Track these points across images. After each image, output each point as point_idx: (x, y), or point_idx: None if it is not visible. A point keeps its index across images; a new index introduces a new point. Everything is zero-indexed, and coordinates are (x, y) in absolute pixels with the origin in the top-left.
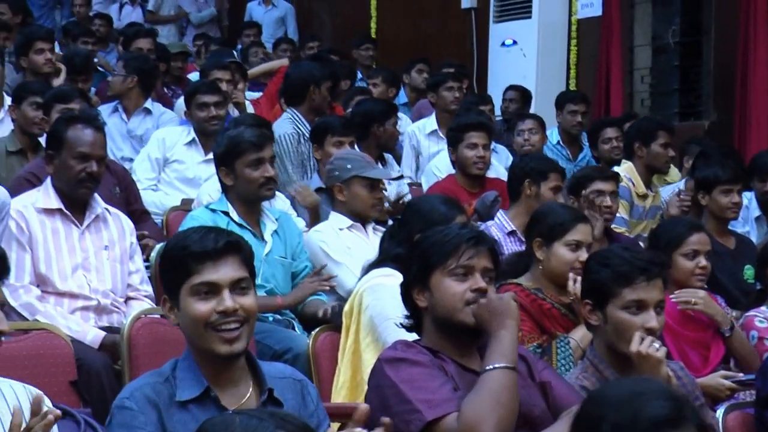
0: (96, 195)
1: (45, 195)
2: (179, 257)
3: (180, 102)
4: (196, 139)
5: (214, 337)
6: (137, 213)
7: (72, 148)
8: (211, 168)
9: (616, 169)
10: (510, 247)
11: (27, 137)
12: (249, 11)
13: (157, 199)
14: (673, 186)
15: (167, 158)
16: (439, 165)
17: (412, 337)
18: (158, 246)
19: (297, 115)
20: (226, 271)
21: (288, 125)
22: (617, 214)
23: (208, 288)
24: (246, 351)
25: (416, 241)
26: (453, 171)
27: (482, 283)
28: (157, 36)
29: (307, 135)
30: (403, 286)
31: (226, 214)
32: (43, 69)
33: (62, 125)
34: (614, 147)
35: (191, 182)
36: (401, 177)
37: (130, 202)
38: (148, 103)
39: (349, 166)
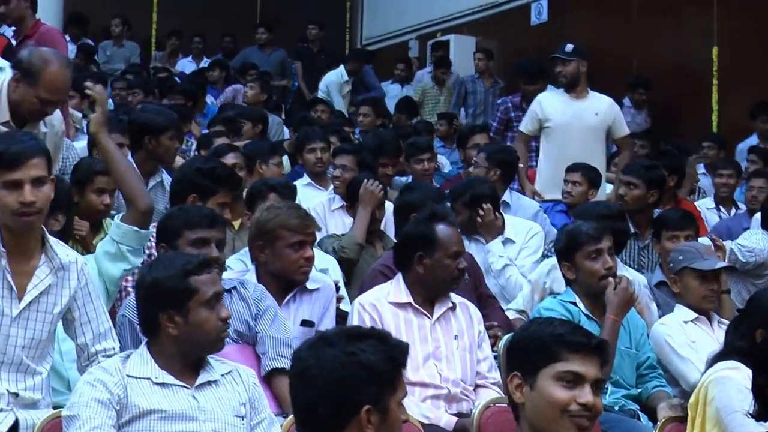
0: None
1: (396, 289)
2: (549, 342)
3: None
4: None
5: (567, 423)
6: (483, 297)
7: (447, 248)
8: None
9: None
10: None
11: None
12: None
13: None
14: None
15: None
16: None
17: (759, 429)
18: (506, 337)
19: None
20: (589, 368)
21: None
22: None
23: (573, 377)
24: None
25: None
26: None
27: None
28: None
29: None
30: (760, 377)
31: (574, 304)
32: None
33: (428, 227)
34: None
35: None
36: (733, 268)
37: (476, 286)
38: (507, 195)
39: (680, 258)
